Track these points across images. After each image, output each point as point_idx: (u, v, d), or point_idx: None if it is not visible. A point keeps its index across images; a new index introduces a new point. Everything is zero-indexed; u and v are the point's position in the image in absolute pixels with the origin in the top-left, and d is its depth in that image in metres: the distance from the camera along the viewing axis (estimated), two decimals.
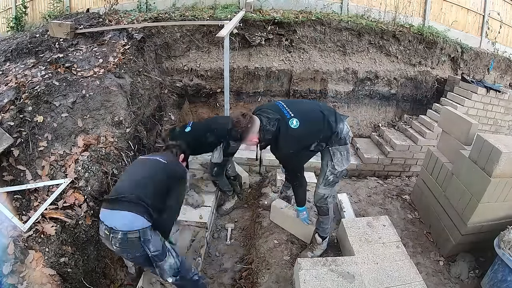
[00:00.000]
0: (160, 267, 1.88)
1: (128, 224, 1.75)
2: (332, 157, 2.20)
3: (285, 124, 2.02)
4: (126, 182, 1.97)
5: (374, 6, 5.44)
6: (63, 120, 2.93)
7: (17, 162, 2.54)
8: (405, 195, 3.49)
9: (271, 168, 4.20)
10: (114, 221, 1.76)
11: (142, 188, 1.87)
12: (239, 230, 3.25)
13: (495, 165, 2.18)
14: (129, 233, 1.74)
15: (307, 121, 2.07)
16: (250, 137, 2.04)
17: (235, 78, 4.71)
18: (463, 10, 5.96)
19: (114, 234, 1.74)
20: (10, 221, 2.13)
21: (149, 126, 3.88)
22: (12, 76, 3.35)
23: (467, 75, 5.27)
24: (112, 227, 1.75)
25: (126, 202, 1.80)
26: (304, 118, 2.07)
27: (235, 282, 2.65)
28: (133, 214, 1.77)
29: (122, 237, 1.74)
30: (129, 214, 1.77)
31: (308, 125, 2.06)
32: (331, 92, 5.02)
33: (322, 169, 2.31)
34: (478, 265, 2.55)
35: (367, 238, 2.40)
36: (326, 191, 2.31)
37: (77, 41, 4.09)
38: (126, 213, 1.77)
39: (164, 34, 4.53)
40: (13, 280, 1.89)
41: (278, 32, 4.72)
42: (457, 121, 2.90)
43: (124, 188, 1.89)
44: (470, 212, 2.40)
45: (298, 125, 2.01)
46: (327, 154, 2.23)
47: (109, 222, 1.77)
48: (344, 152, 2.21)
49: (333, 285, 1.98)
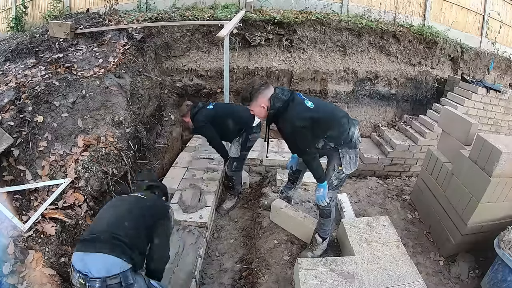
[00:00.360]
0: None
1: (105, 269, 1.50)
2: (341, 160, 2.17)
3: (299, 99, 2.02)
4: (101, 220, 1.73)
5: (374, 6, 5.45)
6: (63, 120, 2.93)
7: (17, 162, 2.54)
8: (405, 195, 3.49)
9: (271, 168, 4.20)
10: (89, 266, 1.51)
11: (118, 226, 1.65)
12: (239, 230, 3.26)
13: (495, 165, 2.18)
14: (108, 279, 1.49)
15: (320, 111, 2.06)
16: (260, 100, 1.98)
17: (235, 78, 4.71)
18: (463, 10, 5.97)
19: (91, 283, 1.48)
20: (10, 221, 2.13)
21: (149, 126, 3.88)
22: (12, 76, 3.36)
23: (467, 75, 5.28)
24: (87, 274, 1.50)
25: (100, 243, 1.56)
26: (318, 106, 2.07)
27: (235, 282, 2.65)
28: (110, 256, 1.52)
29: (101, 285, 1.49)
30: (105, 256, 1.52)
31: (321, 114, 2.04)
32: (331, 92, 5.02)
33: (327, 173, 2.26)
34: (478, 265, 2.54)
35: (367, 238, 2.39)
36: (329, 195, 2.28)
37: (77, 41, 4.09)
38: (102, 255, 1.52)
39: (164, 34, 4.53)
40: (13, 280, 1.89)
41: (278, 32, 4.73)
42: (457, 121, 2.90)
43: (98, 227, 1.67)
44: (470, 212, 2.40)
45: (313, 106, 2.01)
46: (335, 157, 2.20)
47: (82, 267, 1.51)
48: (353, 155, 2.20)
49: (333, 285, 1.98)
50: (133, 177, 3.06)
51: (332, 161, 2.24)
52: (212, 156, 3.94)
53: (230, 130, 3.09)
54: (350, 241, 2.35)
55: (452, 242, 2.59)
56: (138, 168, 3.35)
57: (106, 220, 1.70)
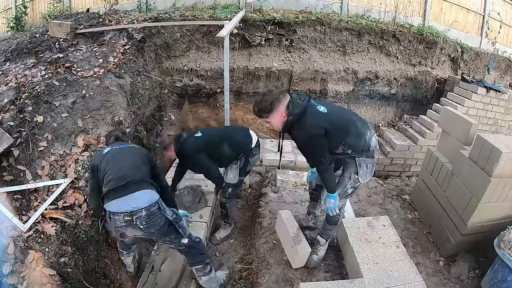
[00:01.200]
0: (181, 226, 2.04)
1: (147, 200, 1.87)
2: (358, 168, 2.11)
3: (312, 105, 1.97)
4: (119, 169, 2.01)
5: (374, 6, 5.45)
6: (63, 120, 2.93)
7: (17, 162, 2.54)
8: (405, 195, 3.49)
9: (271, 168, 4.20)
10: (133, 203, 1.84)
11: (137, 169, 2.01)
12: (239, 230, 3.25)
13: (495, 165, 2.18)
14: (151, 207, 1.86)
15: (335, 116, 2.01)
16: (280, 109, 1.92)
17: (235, 78, 4.71)
18: (463, 10, 5.96)
19: (138, 214, 1.83)
20: (10, 221, 2.13)
21: (149, 126, 3.88)
22: (12, 76, 3.36)
23: (467, 75, 5.27)
24: (132, 211, 1.82)
25: (133, 184, 1.90)
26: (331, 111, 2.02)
27: (235, 282, 2.65)
28: (146, 191, 1.91)
29: (147, 213, 1.84)
30: (143, 192, 1.90)
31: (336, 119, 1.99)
32: (331, 92, 5.02)
33: (342, 181, 2.20)
34: (478, 265, 2.54)
35: (367, 238, 2.39)
36: (340, 203, 2.23)
37: (77, 41, 4.09)
38: (141, 192, 1.89)
39: (164, 34, 4.53)
40: (13, 280, 1.89)
41: (278, 32, 4.73)
42: (457, 121, 2.90)
43: (121, 174, 1.95)
44: (470, 212, 2.40)
45: (326, 111, 1.96)
46: (352, 165, 2.13)
47: (126, 207, 1.83)
48: (370, 165, 2.13)
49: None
50: None
51: (348, 169, 2.16)
52: None
53: (226, 156, 2.72)
54: (350, 241, 2.35)
55: (452, 242, 2.59)
56: None
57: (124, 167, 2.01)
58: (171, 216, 1.97)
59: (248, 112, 5.03)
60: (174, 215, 2.01)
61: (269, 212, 3.09)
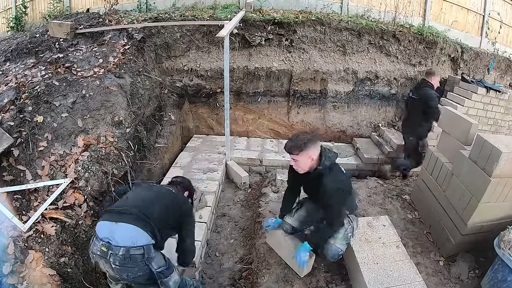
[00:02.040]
0: (165, 284, 1.74)
1: (131, 239, 1.58)
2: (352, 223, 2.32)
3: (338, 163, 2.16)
4: (132, 199, 1.85)
5: (374, 6, 5.45)
6: (63, 120, 2.93)
7: (17, 162, 2.54)
8: (405, 195, 3.49)
9: (271, 168, 4.20)
10: (115, 234, 1.58)
11: (148, 207, 1.75)
12: (239, 230, 3.25)
13: (495, 165, 2.18)
14: (132, 249, 1.56)
15: None
16: (312, 151, 1.98)
17: (235, 78, 4.71)
18: (463, 10, 5.96)
19: (114, 251, 1.55)
20: (10, 221, 2.13)
21: (149, 126, 3.88)
22: (12, 76, 3.36)
23: (467, 75, 5.28)
24: (110, 242, 1.56)
25: (130, 215, 1.66)
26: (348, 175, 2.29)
27: (235, 282, 2.65)
28: (137, 229, 1.61)
29: (124, 254, 1.55)
30: (133, 228, 1.61)
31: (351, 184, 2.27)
32: (331, 92, 5.02)
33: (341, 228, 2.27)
34: (478, 265, 2.54)
35: (367, 238, 2.40)
36: (343, 247, 2.25)
37: (77, 41, 4.09)
38: (131, 226, 1.61)
39: (164, 34, 4.53)
40: (13, 280, 1.89)
41: (278, 32, 4.73)
42: (457, 121, 2.90)
43: (128, 204, 1.77)
44: (470, 212, 2.39)
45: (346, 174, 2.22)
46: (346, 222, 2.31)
47: (107, 235, 1.58)
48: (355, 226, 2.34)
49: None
50: (133, 177, 3.05)
51: None
52: None
53: None
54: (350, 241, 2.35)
55: (452, 242, 2.59)
56: (138, 168, 3.34)
57: (137, 199, 1.82)
58: (156, 269, 1.67)
59: (248, 112, 5.03)
60: (161, 268, 1.70)
61: (269, 212, 3.09)
